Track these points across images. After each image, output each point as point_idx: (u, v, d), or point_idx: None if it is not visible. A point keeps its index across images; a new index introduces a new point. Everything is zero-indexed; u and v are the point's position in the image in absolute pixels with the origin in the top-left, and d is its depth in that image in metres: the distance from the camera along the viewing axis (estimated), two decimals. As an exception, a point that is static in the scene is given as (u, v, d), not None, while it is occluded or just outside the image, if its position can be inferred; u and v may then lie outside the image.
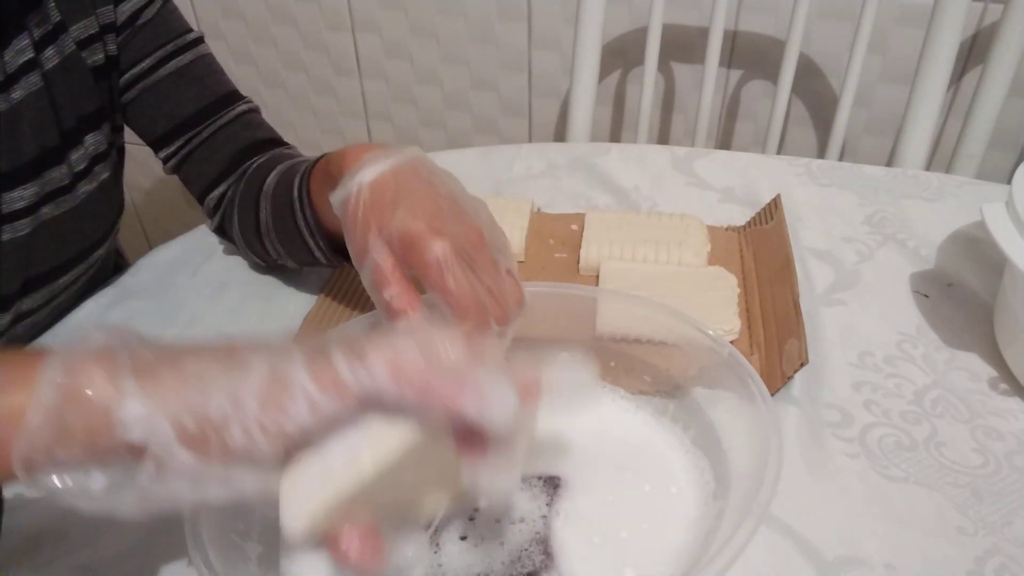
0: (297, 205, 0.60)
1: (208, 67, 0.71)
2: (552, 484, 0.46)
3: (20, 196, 0.60)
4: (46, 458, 0.32)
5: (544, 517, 0.44)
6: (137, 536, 0.50)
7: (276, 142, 0.73)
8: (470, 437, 0.35)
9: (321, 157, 0.59)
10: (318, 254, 0.61)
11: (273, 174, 0.65)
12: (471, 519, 0.44)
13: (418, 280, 0.46)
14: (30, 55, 0.59)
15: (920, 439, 0.55)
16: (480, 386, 0.33)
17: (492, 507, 0.44)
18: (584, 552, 0.43)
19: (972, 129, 0.96)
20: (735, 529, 0.36)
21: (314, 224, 0.60)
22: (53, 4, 0.61)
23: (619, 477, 0.47)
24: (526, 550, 0.42)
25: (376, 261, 0.46)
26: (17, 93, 0.59)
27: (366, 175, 0.47)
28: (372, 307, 0.48)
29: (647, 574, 0.41)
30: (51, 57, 0.61)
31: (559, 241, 0.73)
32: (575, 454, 0.48)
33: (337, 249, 0.60)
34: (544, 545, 0.43)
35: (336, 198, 0.48)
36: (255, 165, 0.69)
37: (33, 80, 0.60)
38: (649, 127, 1.12)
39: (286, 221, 0.62)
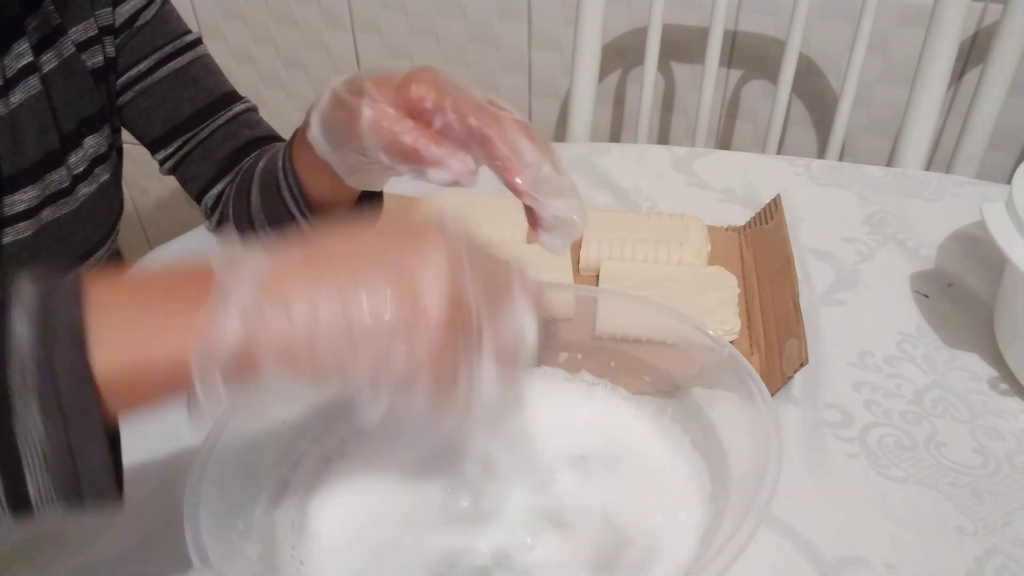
0: (281, 174, 0.59)
1: (206, 68, 0.71)
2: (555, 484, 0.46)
3: (21, 199, 0.60)
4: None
5: (547, 518, 0.44)
6: (137, 536, 0.50)
7: (274, 139, 0.73)
8: None
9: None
10: (302, 222, 0.61)
11: (264, 159, 0.65)
12: (471, 519, 0.44)
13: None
14: (29, 59, 0.59)
15: (920, 439, 0.55)
16: None
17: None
18: (585, 552, 0.42)
19: (972, 129, 0.96)
20: (735, 529, 0.36)
21: (298, 192, 0.58)
22: (52, 7, 0.60)
23: (619, 477, 0.47)
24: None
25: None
26: (16, 97, 0.59)
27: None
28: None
29: (647, 574, 0.41)
30: (50, 60, 0.61)
31: (559, 241, 0.73)
32: (575, 454, 0.48)
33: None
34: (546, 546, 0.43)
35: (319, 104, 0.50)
36: (251, 160, 0.69)
37: (32, 83, 0.59)
38: (649, 127, 1.12)
39: (272, 195, 0.61)
